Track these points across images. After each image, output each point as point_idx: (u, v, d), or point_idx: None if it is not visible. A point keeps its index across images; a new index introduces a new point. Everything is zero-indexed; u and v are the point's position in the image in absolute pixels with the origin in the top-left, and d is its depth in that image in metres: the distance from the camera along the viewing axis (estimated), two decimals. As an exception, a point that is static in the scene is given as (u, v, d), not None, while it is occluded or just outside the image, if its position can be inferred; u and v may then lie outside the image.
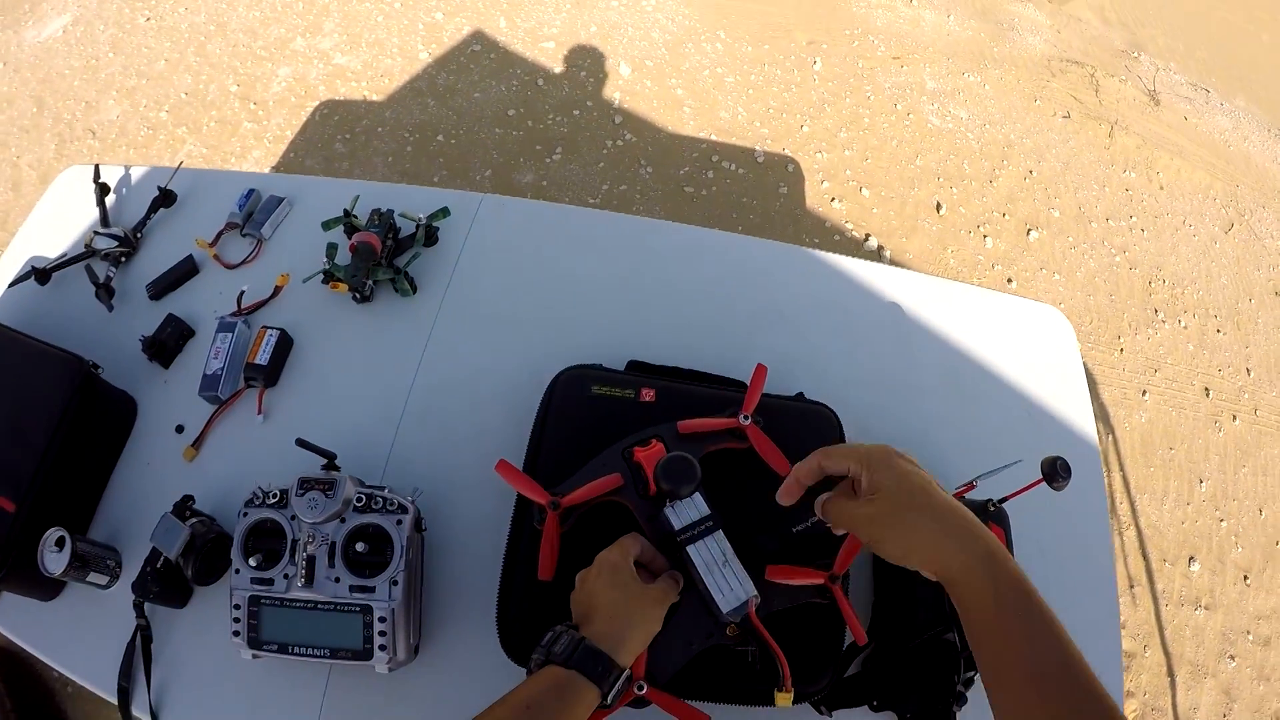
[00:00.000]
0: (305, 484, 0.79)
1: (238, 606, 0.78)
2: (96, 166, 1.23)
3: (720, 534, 0.70)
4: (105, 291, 1.10)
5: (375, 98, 2.66)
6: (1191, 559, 2.32)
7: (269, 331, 1.02)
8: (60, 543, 0.83)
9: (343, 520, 0.79)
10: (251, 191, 1.16)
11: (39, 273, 1.13)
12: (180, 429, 1.00)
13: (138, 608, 0.86)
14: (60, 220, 1.24)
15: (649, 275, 1.10)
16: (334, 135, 2.59)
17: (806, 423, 0.87)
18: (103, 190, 1.21)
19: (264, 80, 2.90)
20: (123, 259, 1.15)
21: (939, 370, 1.06)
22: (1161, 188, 3.06)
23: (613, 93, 2.49)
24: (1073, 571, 0.98)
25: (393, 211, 1.09)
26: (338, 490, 0.78)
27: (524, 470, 0.81)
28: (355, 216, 1.09)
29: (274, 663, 0.80)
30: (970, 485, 0.80)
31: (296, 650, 0.76)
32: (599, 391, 0.85)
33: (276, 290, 1.09)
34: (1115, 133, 3.13)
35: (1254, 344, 2.75)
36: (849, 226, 2.32)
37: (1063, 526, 0.97)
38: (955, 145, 2.68)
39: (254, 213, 1.16)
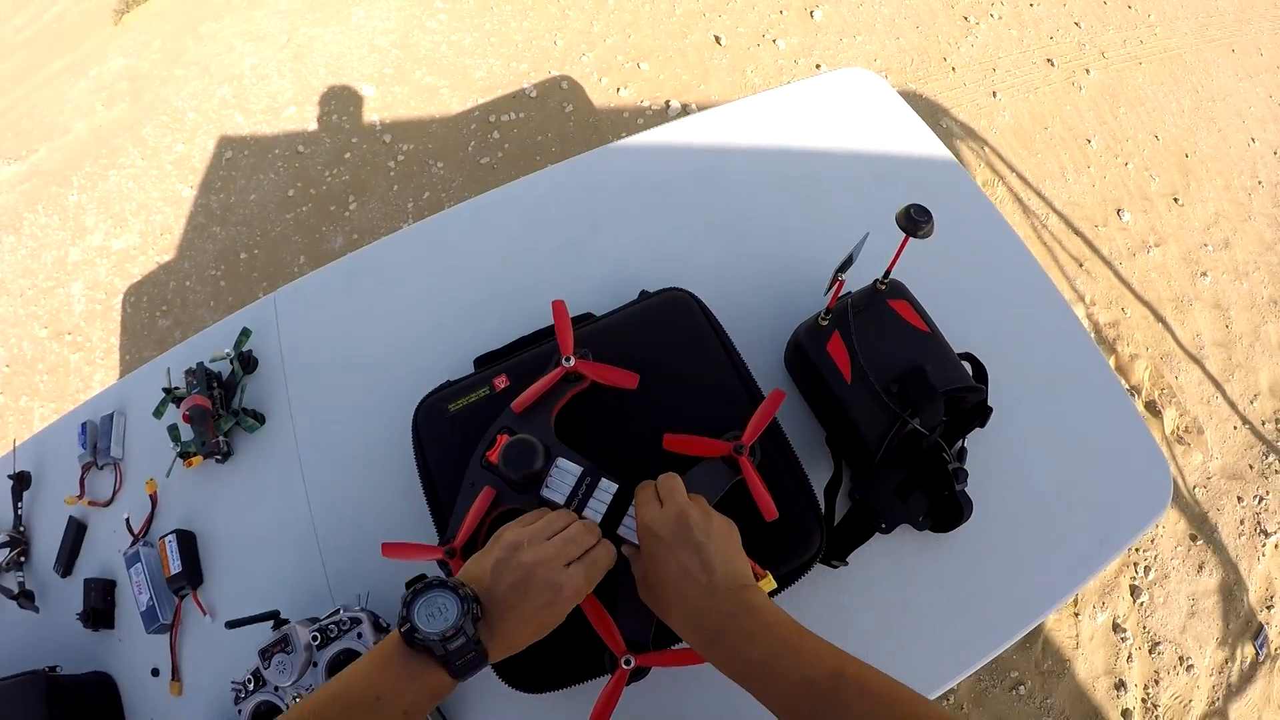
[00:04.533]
0: (265, 653, 0.80)
1: None
2: None
3: (605, 481, 0.67)
4: (25, 598, 1.09)
5: (166, 258, 2.55)
6: (1119, 211, 2.33)
7: (167, 539, 1.01)
8: None
9: (315, 664, 0.79)
10: (85, 424, 1.14)
11: None
12: (156, 672, 0.99)
13: None
14: None
15: (457, 269, 1.06)
16: (152, 315, 2.49)
17: (661, 317, 0.82)
18: None
19: (64, 307, 2.77)
20: (22, 558, 1.13)
21: (780, 188, 1.02)
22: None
23: (370, 116, 2.40)
24: (1006, 288, 0.97)
25: (201, 363, 1.07)
26: (294, 641, 0.79)
27: (435, 522, 0.78)
28: (176, 389, 1.07)
29: None
30: (839, 283, 0.72)
31: None
32: (457, 407, 0.80)
33: (153, 499, 1.07)
34: None
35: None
36: (645, 104, 2.25)
37: (975, 257, 0.95)
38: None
39: (96, 442, 1.13)
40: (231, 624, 0.84)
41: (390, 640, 0.55)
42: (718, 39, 2.43)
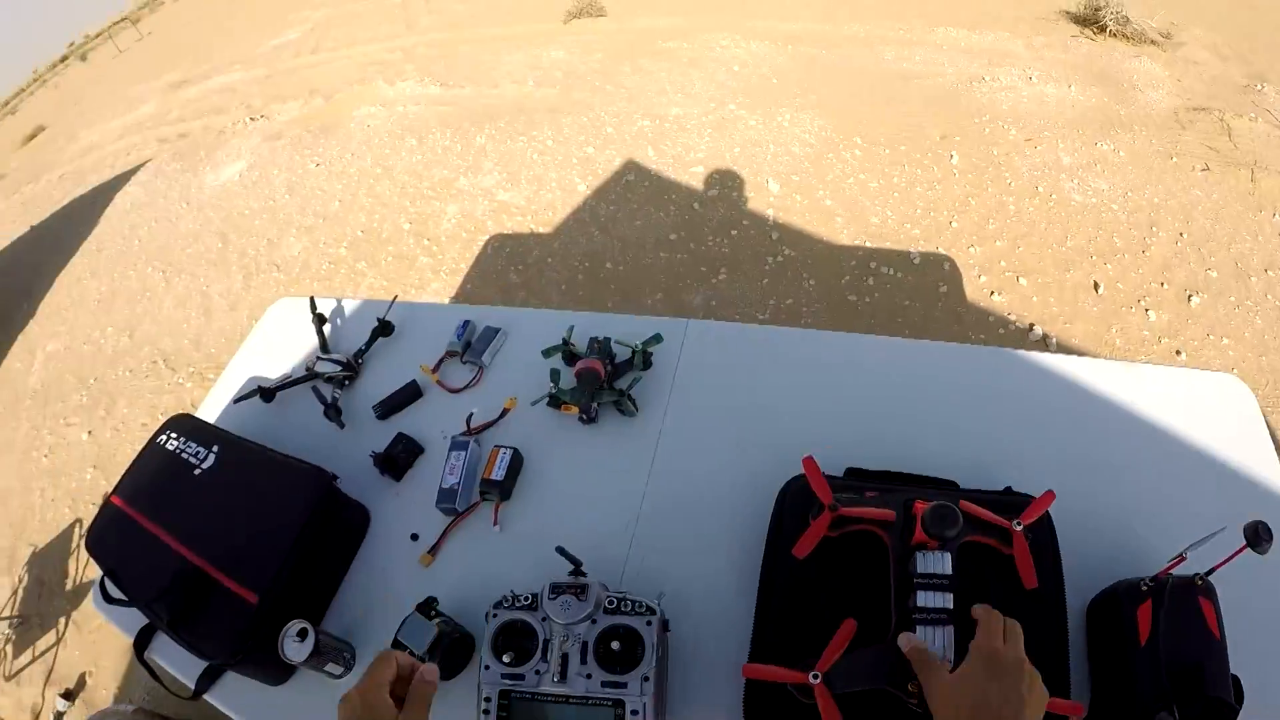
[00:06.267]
0: (557, 589, 0.85)
1: (488, 699, 0.81)
2: (312, 299, 1.39)
3: (950, 595, 0.74)
4: (334, 411, 1.21)
5: (542, 230, 2.94)
6: None
7: (502, 450, 1.09)
8: (303, 634, 0.88)
9: (594, 621, 0.83)
10: (467, 323, 1.28)
11: (264, 392, 1.26)
12: (415, 537, 1.07)
13: None
14: (275, 346, 1.41)
15: (848, 386, 1.14)
16: (507, 267, 2.86)
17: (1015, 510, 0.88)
18: (320, 320, 1.37)
19: (434, 218, 3.24)
20: (346, 382, 1.27)
21: (1125, 451, 1.05)
22: (1322, 224, 2.96)
23: (765, 209, 2.67)
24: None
25: (609, 339, 1.18)
26: (590, 594, 0.84)
27: (761, 575, 0.89)
28: (573, 344, 1.18)
29: None
30: (1180, 559, 0.79)
31: None
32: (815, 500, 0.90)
33: (504, 412, 1.17)
34: (1257, 175, 3.07)
35: None
36: (1012, 318, 2.37)
37: (1274, 597, 0.92)
38: (1102, 219, 2.70)
39: (472, 341, 1.26)
40: (560, 550, 0.90)
41: None
42: (1096, 285, 2.52)
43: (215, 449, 1.10)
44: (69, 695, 2.19)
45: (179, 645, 0.96)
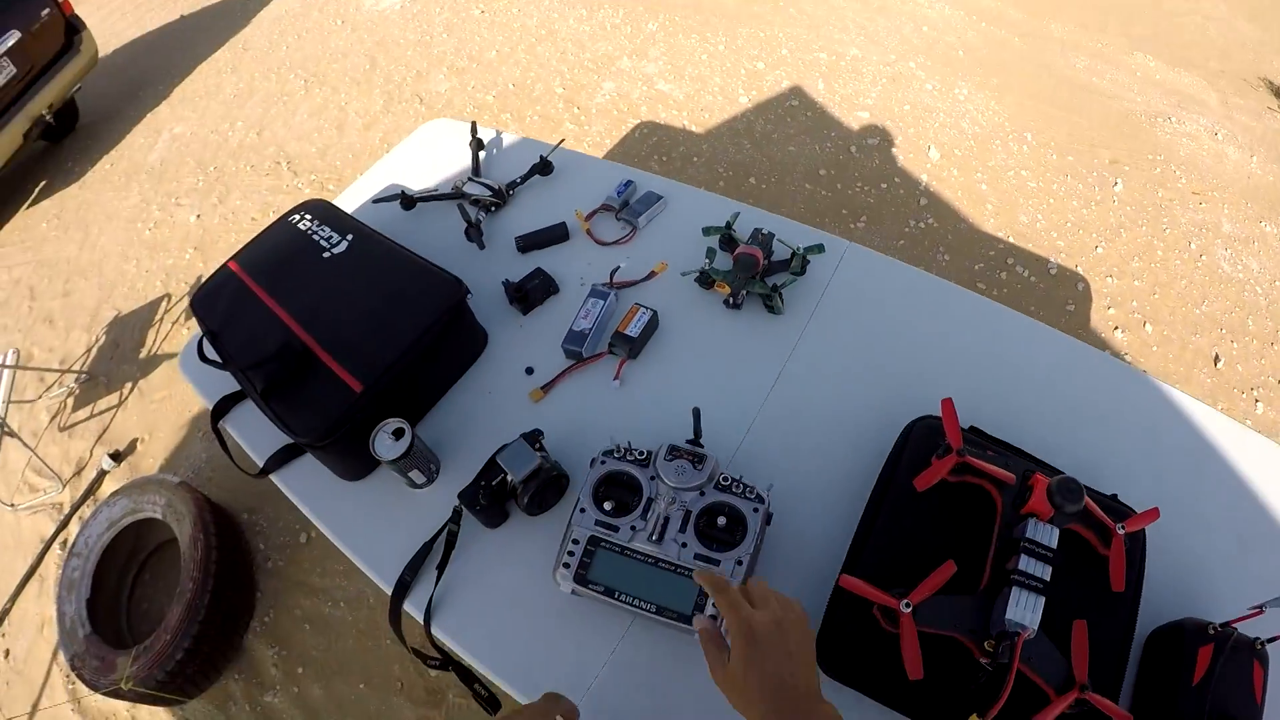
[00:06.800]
0: (674, 452, 0.84)
1: (575, 542, 0.80)
2: (474, 124, 1.42)
3: (1049, 568, 0.76)
4: (476, 231, 1.21)
5: (694, 128, 2.94)
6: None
7: (642, 309, 1.08)
8: (399, 433, 0.87)
9: (702, 494, 0.82)
10: (629, 183, 1.27)
11: (406, 199, 1.28)
12: (530, 371, 1.08)
13: (456, 515, 0.89)
14: (423, 162, 1.42)
15: (985, 353, 1.13)
16: (651, 154, 2.87)
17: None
18: (479, 144, 1.38)
19: (589, 89, 3.24)
20: (493, 208, 1.28)
21: (1222, 508, 1.07)
22: None
23: (919, 173, 2.64)
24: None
25: (773, 235, 1.16)
26: (706, 465, 0.83)
27: (870, 496, 0.92)
28: (735, 230, 1.18)
29: (571, 602, 0.84)
30: (1258, 611, 0.81)
31: (621, 597, 0.78)
32: (942, 442, 0.92)
33: (652, 274, 1.16)
34: None
35: None
36: (1127, 358, 2.37)
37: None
38: (1243, 297, 2.64)
39: (630, 201, 1.25)
40: (696, 412, 0.91)
41: None
42: (1216, 358, 2.48)
43: (349, 237, 1.09)
44: (116, 456, 2.27)
45: (266, 416, 0.94)
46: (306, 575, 1.92)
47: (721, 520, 0.82)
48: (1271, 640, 0.85)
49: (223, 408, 1.09)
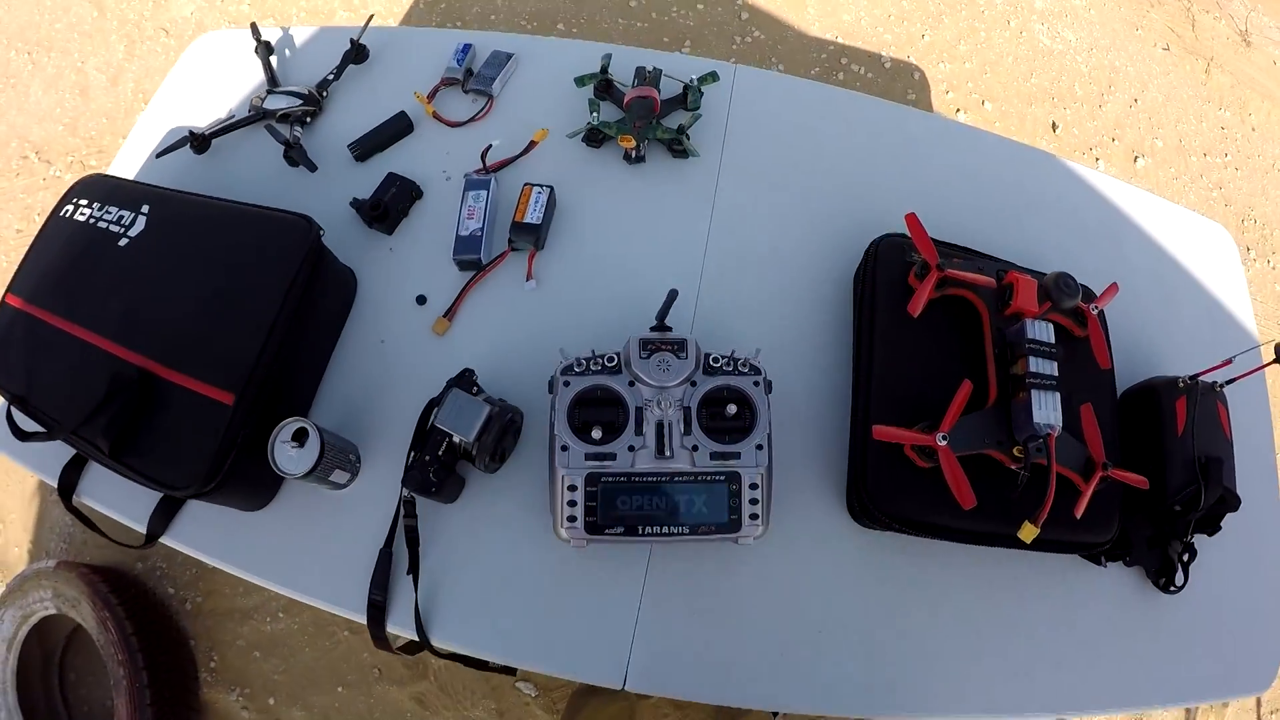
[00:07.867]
0: (648, 345, 0.71)
1: (572, 488, 0.66)
2: (254, 25, 1.12)
3: (1055, 363, 0.74)
4: (299, 151, 0.99)
5: (485, -16, 2.60)
6: None
7: (536, 189, 0.91)
8: (300, 435, 0.66)
9: (694, 384, 0.70)
10: (468, 46, 1.07)
11: (197, 139, 1.00)
12: (422, 300, 0.89)
13: (409, 506, 0.72)
14: (200, 90, 1.12)
15: (907, 157, 1.09)
16: (443, 22, 2.53)
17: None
18: (266, 49, 1.09)
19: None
20: (307, 119, 1.03)
21: (1132, 269, 1.09)
22: (1254, 129, 3.04)
23: (735, -13, 2.45)
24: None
25: (660, 70, 1.01)
26: (689, 351, 0.71)
27: (855, 333, 0.87)
28: (611, 74, 1.01)
29: (574, 554, 0.75)
30: (1227, 362, 0.86)
31: (647, 531, 0.66)
32: (915, 259, 0.86)
33: (531, 145, 0.99)
34: (1211, 70, 3.10)
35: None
36: (973, 137, 2.33)
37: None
38: (1065, 66, 2.66)
39: (475, 69, 1.06)
40: (672, 294, 0.78)
41: None
42: (1054, 125, 2.49)
43: (145, 210, 0.81)
44: (-27, 566, 1.79)
45: (126, 478, 0.70)
46: (230, 601, 1.65)
47: (730, 409, 0.70)
48: (1230, 382, 0.88)
49: (70, 480, 0.82)
